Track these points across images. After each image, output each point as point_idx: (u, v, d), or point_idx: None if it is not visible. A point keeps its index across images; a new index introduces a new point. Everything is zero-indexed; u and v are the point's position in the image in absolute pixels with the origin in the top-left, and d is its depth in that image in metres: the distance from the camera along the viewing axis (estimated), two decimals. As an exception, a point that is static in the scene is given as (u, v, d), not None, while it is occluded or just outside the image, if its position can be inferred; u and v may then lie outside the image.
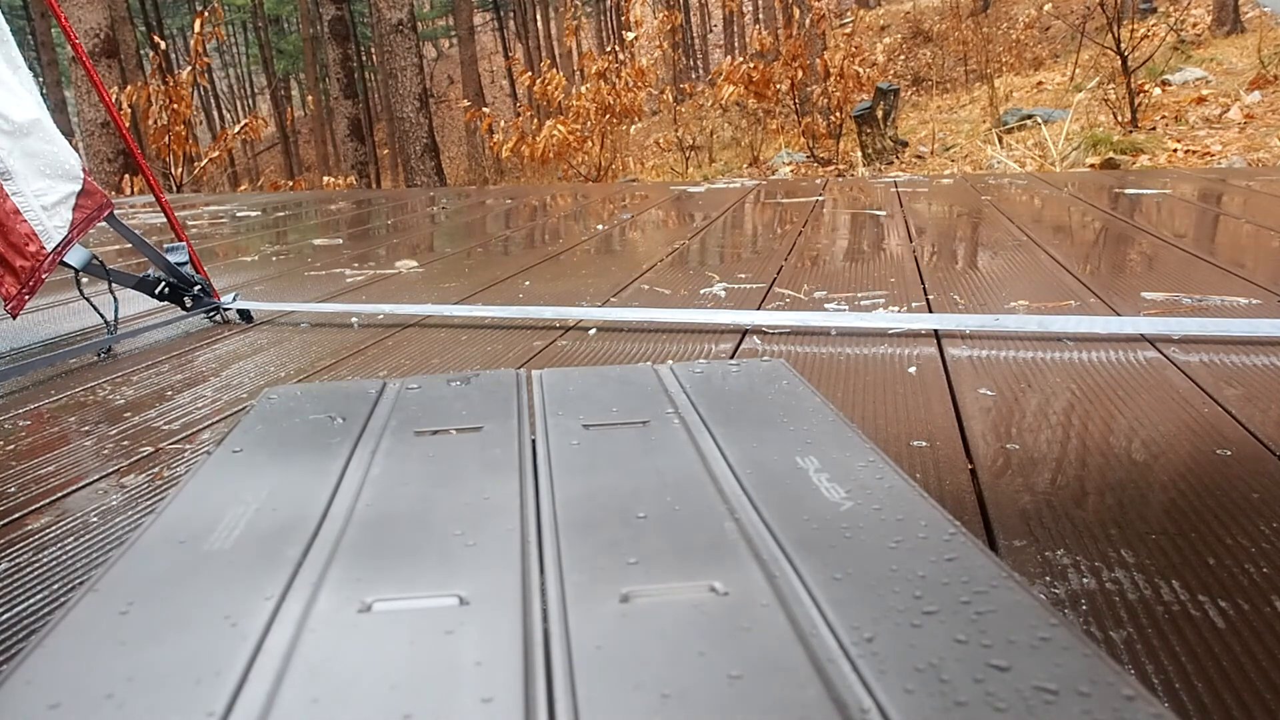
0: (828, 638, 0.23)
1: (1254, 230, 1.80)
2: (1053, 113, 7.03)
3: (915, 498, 0.32)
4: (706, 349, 1.05)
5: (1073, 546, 0.54)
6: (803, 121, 7.72)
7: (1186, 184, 2.68)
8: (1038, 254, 1.60)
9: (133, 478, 0.74)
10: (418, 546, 0.30)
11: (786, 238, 1.95)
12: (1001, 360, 0.95)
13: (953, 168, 6.62)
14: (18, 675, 0.23)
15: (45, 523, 0.66)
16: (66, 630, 0.25)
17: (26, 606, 0.53)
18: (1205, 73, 7.67)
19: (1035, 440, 0.72)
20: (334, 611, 0.26)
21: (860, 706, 0.20)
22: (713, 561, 0.27)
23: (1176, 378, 0.87)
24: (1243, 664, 0.42)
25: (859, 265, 1.59)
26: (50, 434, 0.88)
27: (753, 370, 0.49)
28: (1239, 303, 1.17)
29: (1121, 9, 7.01)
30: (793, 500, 0.32)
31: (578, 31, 12.57)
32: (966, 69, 10.01)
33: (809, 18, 8.34)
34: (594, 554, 0.29)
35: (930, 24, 11.52)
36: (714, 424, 0.41)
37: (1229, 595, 0.48)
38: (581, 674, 0.22)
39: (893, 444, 0.72)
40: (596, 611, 0.25)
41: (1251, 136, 6.06)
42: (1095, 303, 1.21)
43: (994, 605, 0.24)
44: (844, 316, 1.17)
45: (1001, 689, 0.20)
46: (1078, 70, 8.45)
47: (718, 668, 0.22)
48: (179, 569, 0.29)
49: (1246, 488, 0.61)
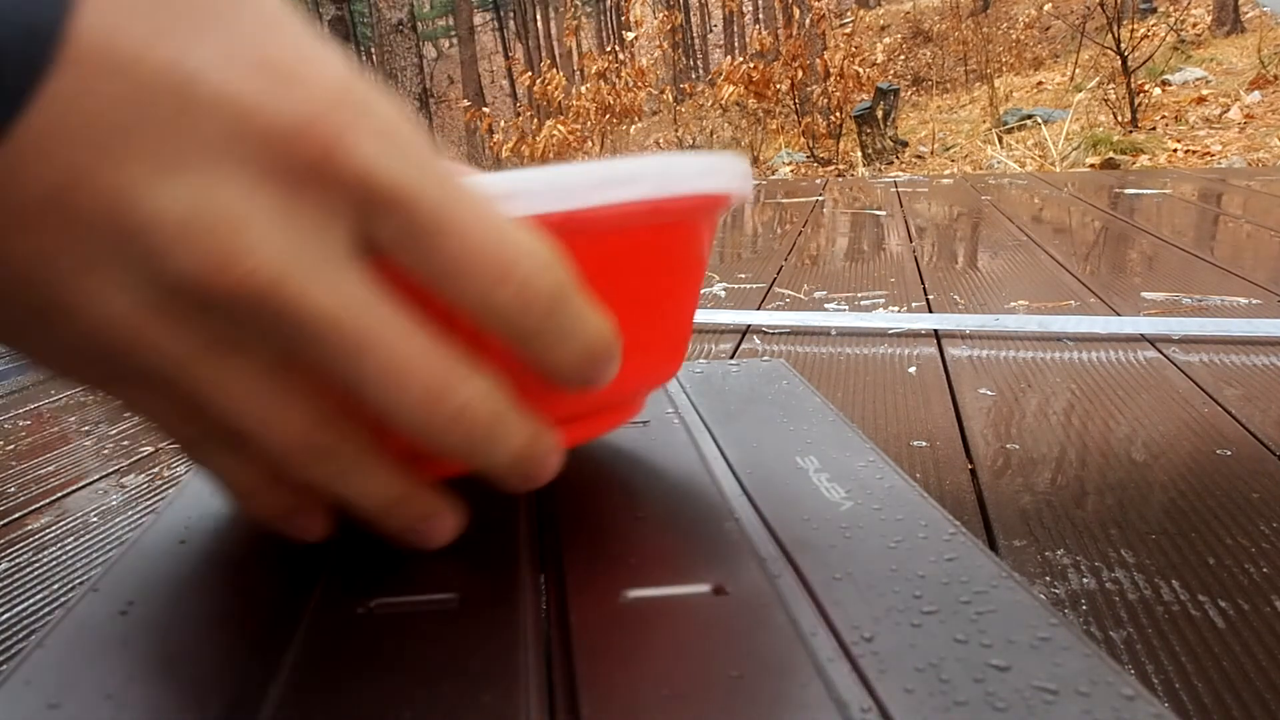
0: (827, 638, 0.23)
1: (1254, 230, 1.80)
2: (1053, 113, 7.04)
3: (915, 498, 0.32)
4: (706, 349, 1.05)
5: (1073, 546, 0.54)
6: (803, 121, 7.72)
7: (1186, 184, 2.68)
8: (1038, 254, 1.60)
9: (133, 478, 0.74)
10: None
11: (786, 237, 1.95)
12: (1001, 360, 0.95)
13: (953, 168, 6.63)
14: (18, 675, 0.23)
15: (45, 523, 0.66)
16: (66, 630, 0.25)
17: (26, 606, 0.53)
18: (1205, 73, 7.67)
19: (1035, 440, 0.72)
20: (334, 611, 0.26)
21: (861, 706, 0.20)
22: (713, 561, 0.27)
23: (1176, 378, 0.87)
24: (1243, 664, 0.42)
25: (859, 265, 1.59)
26: (50, 434, 0.88)
27: (753, 370, 0.49)
28: (1239, 303, 1.17)
29: (1121, 9, 7.01)
30: (793, 500, 0.32)
31: (578, 31, 12.57)
32: (966, 69, 10.01)
33: (809, 18, 8.34)
34: (594, 553, 0.29)
35: (930, 24, 11.52)
36: (714, 424, 0.41)
37: (1229, 595, 0.48)
38: (581, 673, 0.22)
39: (893, 444, 0.72)
40: (596, 611, 0.25)
41: (1251, 136, 6.06)
42: (1095, 303, 1.21)
43: (994, 605, 0.24)
44: (844, 316, 1.17)
45: (1001, 689, 0.20)
46: (1078, 70, 8.45)
47: (718, 668, 0.22)
48: (179, 569, 0.29)
49: (1246, 488, 0.61)
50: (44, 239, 0.19)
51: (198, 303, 0.20)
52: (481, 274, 0.21)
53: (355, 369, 0.21)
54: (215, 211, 0.19)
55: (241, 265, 0.19)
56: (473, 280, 0.21)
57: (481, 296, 0.21)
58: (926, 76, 10.31)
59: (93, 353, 0.21)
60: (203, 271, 0.19)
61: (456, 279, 0.21)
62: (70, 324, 0.20)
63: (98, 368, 0.22)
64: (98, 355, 0.21)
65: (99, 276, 0.19)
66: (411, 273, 0.22)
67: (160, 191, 0.19)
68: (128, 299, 0.20)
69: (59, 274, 0.19)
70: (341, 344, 0.20)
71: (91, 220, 0.19)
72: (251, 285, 0.19)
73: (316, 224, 0.20)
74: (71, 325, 0.20)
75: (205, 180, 0.19)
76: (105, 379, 0.23)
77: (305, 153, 0.20)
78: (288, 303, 0.20)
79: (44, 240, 0.19)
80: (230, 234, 0.19)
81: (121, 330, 0.20)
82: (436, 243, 0.21)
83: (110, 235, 0.19)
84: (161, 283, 0.19)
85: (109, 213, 0.19)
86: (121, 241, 0.19)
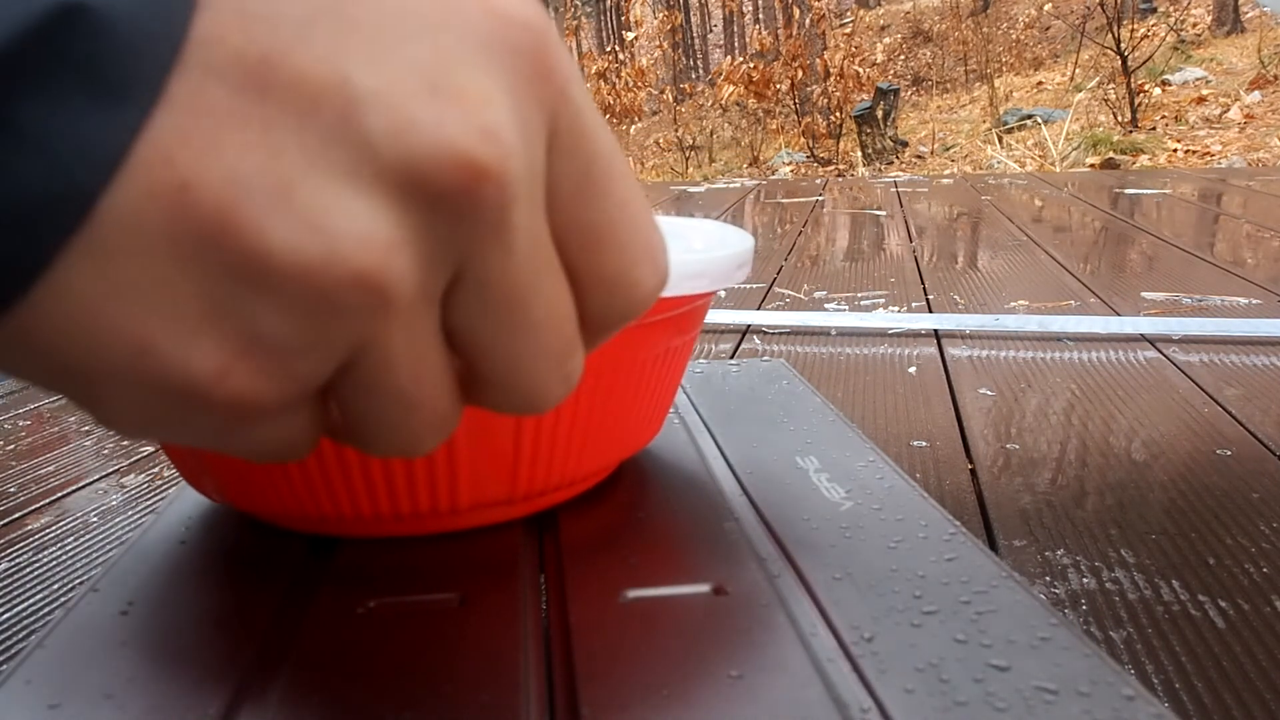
0: (827, 638, 0.23)
1: (1254, 230, 1.80)
2: (1053, 113, 7.04)
3: (915, 498, 0.32)
4: (706, 349, 1.05)
5: (1073, 546, 0.54)
6: (803, 121, 7.72)
7: (1186, 184, 2.68)
8: (1038, 254, 1.60)
9: (133, 478, 0.74)
10: (418, 545, 0.30)
11: (786, 237, 1.95)
12: (1001, 360, 0.95)
13: (953, 168, 6.63)
14: (18, 675, 0.23)
15: (45, 523, 0.66)
16: (66, 630, 0.25)
17: (26, 606, 0.53)
18: (1205, 73, 7.67)
19: (1035, 440, 0.72)
20: (335, 610, 0.26)
21: (861, 706, 0.20)
22: (713, 561, 0.27)
23: (1176, 378, 0.87)
24: (1243, 664, 0.42)
25: (859, 265, 1.59)
26: (50, 434, 0.88)
27: (753, 370, 0.49)
28: (1239, 303, 1.17)
29: (1121, 9, 7.01)
30: (793, 500, 0.32)
31: (578, 31, 12.58)
32: (966, 69, 10.01)
33: (809, 18, 8.34)
34: (594, 553, 0.29)
35: (930, 24, 11.52)
36: (714, 424, 0.41)
37: (1229, 595, 0.48)
38: (581, 674, 0.22)
39: (893, 444, 0.72)
40: (596, 611, 0.25)
41: (1251, 136, 6.06)
42: (1095, 303, 1.21)
43: (994, 605, 0.24)
44: (844, 316, 1.17)
45: (1001, 689, 0.20)
46: (1078, 70, 8.45)
47: (718, 668, 0.22)
48: (179, 569, 0.29)
49: (1246, 488, 0.61)
50: (265, 113, 0.15)
51: (436, 201, 0.16)
52: (635, 241, 0.19)
53: (521, 308, 0.18)
54: (460, 79, 0.16)
55: (499, 146, 0.16)
56: (625, 248, 0.19)
57: (624, 268, 0.19)
58: (926, 76, 10.32)
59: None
60: (457, 151, 0.15)
61: (613, 239, 0.19)
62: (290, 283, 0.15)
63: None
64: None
65: (316, 183, 0.15)
66: (563, 212, 0.18)
67: (384, 62, 0.15)
68: (362, 215, 0.15)
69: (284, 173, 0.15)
70: (527, 277, 0.17)
71: (300, 105, 0.15)
72: (506, 174, 0.16)
73: (534, 122, 0.17)
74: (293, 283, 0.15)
75: (430, 51, 0.16)
76: None
77: (528, 39, 0.17)
78: (520, 213, 0.16)
79: (265, 122, 0.15)
80: (483, 105, 0.16)
81: (361, 256, 0.15)
82: (605, 190, 0.18)
83: (330, 119, 0.15)
84: (397, 175, 0.15)
85: (323, 91, 0.15)
86: (342, 126, 0.15)
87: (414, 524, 0.30)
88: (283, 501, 0.29)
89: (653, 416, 0.35)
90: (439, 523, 0.30)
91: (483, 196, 0.16)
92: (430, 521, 0.30)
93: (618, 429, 0.32)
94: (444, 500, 0.29)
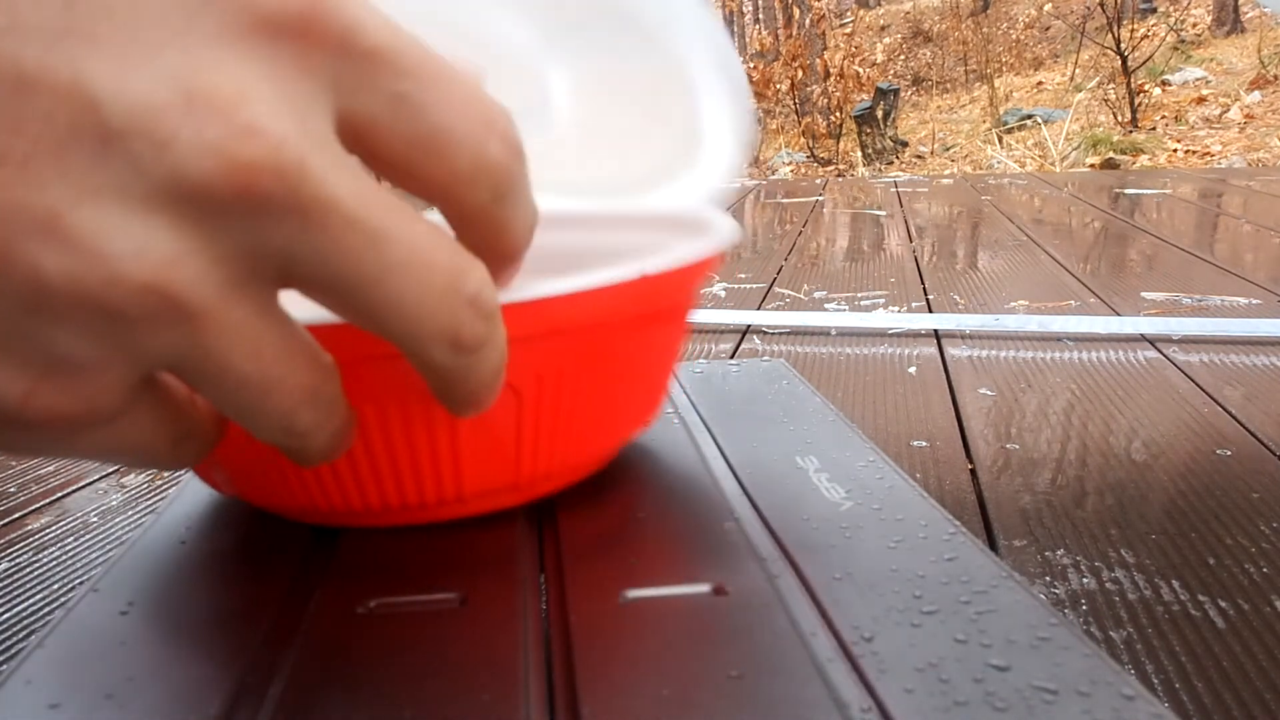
0: (827, 638, 0.23)
1: (1254, 230, 1.80)
2: (1053, 113, 7.03)
3: (915, 498, 0.32)
4: (706, 349, 1.05)
5: (1073, 546, 0.54)
6: (803, 121, 7.72)
7: (1186, 184, 2.68)
8: (1038, 254, 1.60)
9: (133, 478, 0.74)
10: (419, 545, 0.30)
11: (786, 237, 1.95)
12: (1001, 360, 0.95)
13: (953, 168, 6.62)
14: (18, 675, 0.23)
15: (45, 523, 0.66)
16: (66, 630, 0.25)
17: (26, 606, 0.53)
18: (1205, 73, 7.66)
19: (1035, 440, 0.72)
20: (334, 611, 0.26)
21: (861, 706, 0.20)
22: (713, 561, 0.27)
23: (1176, 378, 0.87)
24: (1243, 664, 0.42)
25: (859, 265, 1.59)
26: (50, 434, 0.88)
27: (753, 370, 0.49)
28: (1239, 303, 1.17)
29: (1121, 9, 7.01)
30: (793, 500, 0.32)
31: (578, 31, 12.54)
32: (966, 69, 10.01)
33: (809, 18, 8.34)
34: (594, 553, 0.29)
35: (930, 24, 11.52)
36: (714, 424, 0.41)
37: (1229, 595, 0.48)
38: (581, 673, 0.22)
39: (893, 444, 0.72)
40: (596, 611, 0.25)
41: (1251, 136, 6.06)
42: (1095, 303, 1.21)
43: (994, 605, 0.24)
44: (844, 316, 1.17)
45: (1001, 689, 0.20)
46: (1078, 70, 8.45)
47: (718, 668, 0.22)
48: (179, 569, 0.29)
49: (1246, 488, 0.61)
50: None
51: (216, 207, 0.16)
52: (473, 127, 0.19)
53: (376, 260, 0.18)
54: (212, 83, 0.16)
55: (265, 140, 0.16)
56: (466, 136, 0.19)
57: (474, 153, 0.19)
58: (926, 76, 10.31)
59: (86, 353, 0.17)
60: (224, 157, 0.16)
61: (450, 135, 0.19)
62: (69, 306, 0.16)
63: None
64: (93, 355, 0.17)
65: (88, 210, 0.15)
66: (394, 141, 0.19)
67: (134, 80, 0.15)
68: (138, 234, 0.16)
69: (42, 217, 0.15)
70: (367, 232, 0.17)
71: (56, 135, 0.15)
72: (281, 164, 0.16)
73: (306, 95, 0.17)
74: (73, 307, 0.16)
75: (179, 58, 0.16)
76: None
77: (282, 11, 0.17)
78: (319, 187, 0.17)
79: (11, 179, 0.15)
80: (239, 104, 0.16)
81: (148, 277, 0.16)
82: (431, 98, 0.18)
83: (89, 144, 0.15)
84: (168, 191, 0.16)
85: (78, 117, 0.15)
86: (103, 150, 0.15)
87: (420, 513, 0.30)
88: (292, 494, 0.29)
89: (654, 387, 0.35)
90: (446, 510, 0.30)
91: (264, 192, 0.16)
92: (438, 510, 0.30)
93: (620, 401, 0.32)
94: (449, 489, 0.29)
